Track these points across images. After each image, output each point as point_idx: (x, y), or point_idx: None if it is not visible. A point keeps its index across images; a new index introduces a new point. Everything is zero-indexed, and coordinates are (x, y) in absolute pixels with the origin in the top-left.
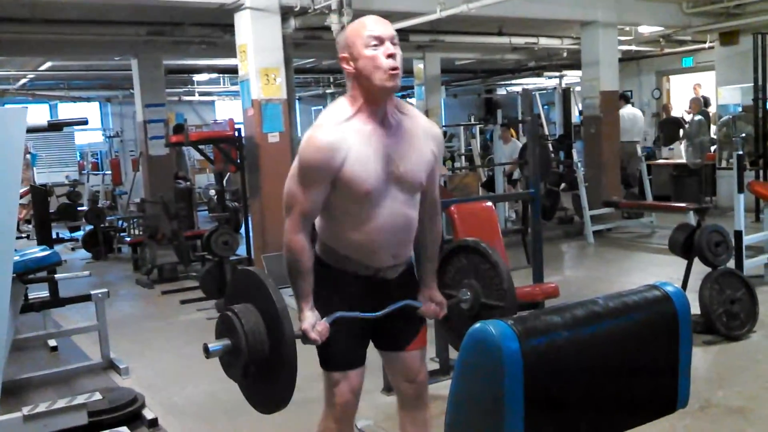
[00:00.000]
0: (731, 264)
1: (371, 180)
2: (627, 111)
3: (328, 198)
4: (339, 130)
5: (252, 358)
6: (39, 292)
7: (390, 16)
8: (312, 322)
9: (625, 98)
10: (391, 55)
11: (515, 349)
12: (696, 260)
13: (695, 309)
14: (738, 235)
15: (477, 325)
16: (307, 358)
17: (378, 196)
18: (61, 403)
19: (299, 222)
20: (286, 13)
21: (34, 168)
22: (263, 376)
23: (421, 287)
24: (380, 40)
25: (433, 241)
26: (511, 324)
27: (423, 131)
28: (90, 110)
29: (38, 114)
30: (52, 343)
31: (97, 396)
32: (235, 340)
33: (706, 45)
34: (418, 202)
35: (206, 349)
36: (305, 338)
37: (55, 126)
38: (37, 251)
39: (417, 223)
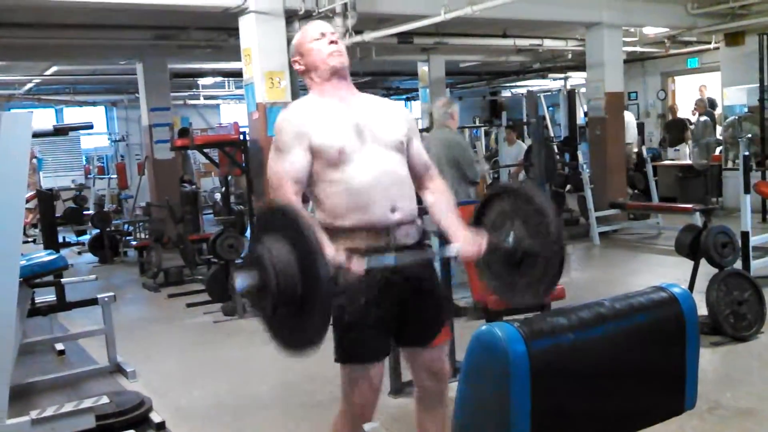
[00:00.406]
0: (738, 265)
1: (342, 139)
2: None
3: (313, 176)
4: (304, 106)
5: (282, 296)
6: (46, 296)
7: (394, 18)
8: (344, 256)
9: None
10: (332, 42)
11: (522, 351)
12: (703, 261)
13: (702, 310)
14: (745, 235)
15: (483, 327)
16: (319, 358)
17: (354, 155)
18: (68, 407)
19: (290, 191)
20: (290, 16)
21: (41, 172)
22: (293, 315)
23: (451, 238)
24: (322, 35)
25: (442, 193)
26: (517, 326)
27: (388, 106)
28: (95, 114)
29: (44, 118)
30: (59, 346)
31: (105, 399)
32: (264, 276)
33: (712, 46)
34: (405, 163)
35: (233, 287)
36: (340, 274)
37: (60, 130)
38: (43, 255)
39: (409, 180)
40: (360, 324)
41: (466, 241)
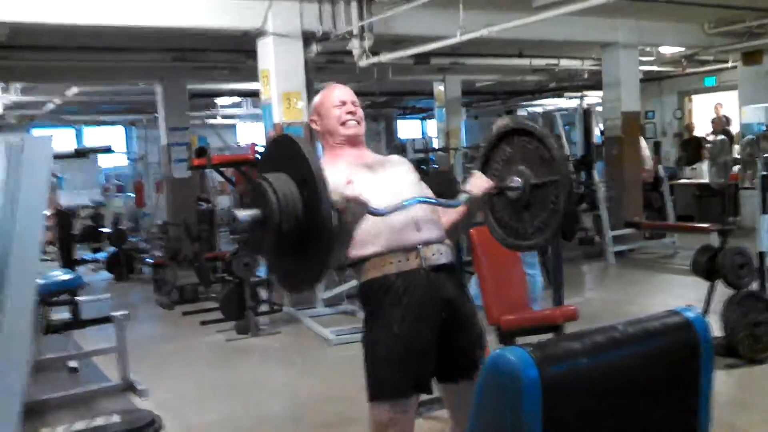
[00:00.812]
0: (755, 286)
1: (357, 174)
2: None
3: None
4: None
5: (284, 226)
6: (61, 314)
7: (411, 39)
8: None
9: None
10: (350, 112)
11: (534, 376)
12: (719, 282)
13: (718, 332)
14: (762, 256)
15: (496, 351)
16: (331, 380)
17: (366, 183)
18: (80, 425)
19: None
20: (308, 38)
21: (60, 191)
22: (295, 249)
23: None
24: (343, 102)
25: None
26: (530, 351)
27: (395, 158)
28: (115, 134)
29: (64, 138)
30: (72, 364)
31: (116, 418)
32: (266, 209)
33: (729, 65)
34: (420, 183)
35: (234, 218)
36: (339, 200)
37: (81, 153)
38: (60, 274)
39: (429, 208)
40: (396, 356)
41: (476, 178)
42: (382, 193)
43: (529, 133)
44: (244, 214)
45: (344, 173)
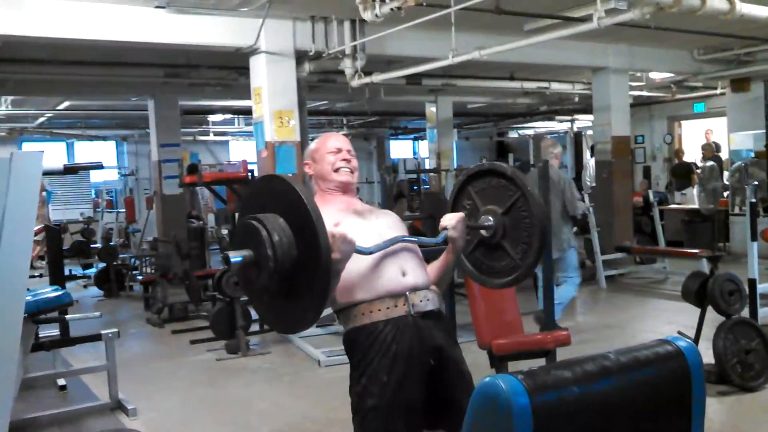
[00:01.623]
0: (745, 313)
1: (338, 217)
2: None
3: None
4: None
5: (279, 265)
6: (50, 331)
7: (403, 60)
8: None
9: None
10: (345, 159)
11: (525, 404)
12: (710, 308)
13: (709, 358)
14: (752, 283)
15: (486, 379)
16: (319, 401)
17: (354, 227)
18: None
19: None
20: (300, 57)
21: (50, 205)
22: (289, 289)
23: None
24: (338, 150)
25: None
26: (521, 379)
27: (383, 210)
28: (106, 148)
29: (55, 152)
30: (61, 382)
31: None
32: (259, 250)
33: (718, 91)
34: (406, 232)
35: (227, 259)
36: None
37: (70, 170)
38: (49, 291)
39: (417, 252)
40: (386, 407)
41: (449, 217)
42: (370, 237)
43: (483, 173)
44: (236, 255)
45: (333, 217)
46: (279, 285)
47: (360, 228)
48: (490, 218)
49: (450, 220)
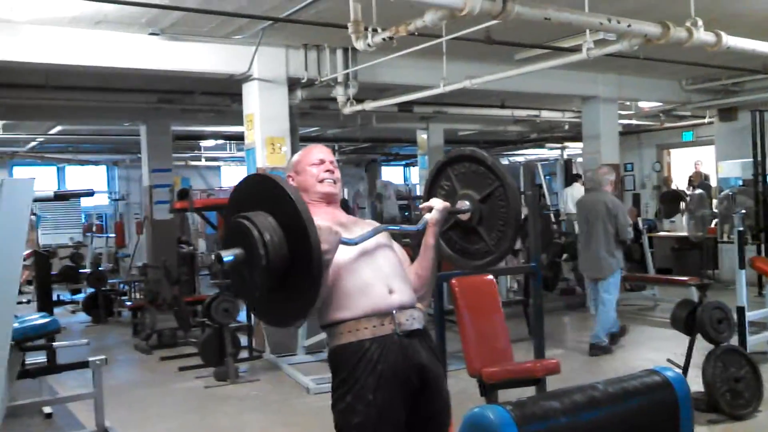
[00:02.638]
0: (734, 341)
1: (335, 240)
2: (577, 189)
3: None
4: None
5: (271, 261)
6: (36, 358)
7: (394, 89)
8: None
9: (577, 177)
10: (329, 170)
11: None
12: (699, 336)
13: (698, 386)
14: (740, 311)
15: (475, 409)
16: (309, 428)
17: (351, 255)
18: None
19: None
20: (293, 84)
21: (39, 230)
22: (281, 285)
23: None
24: (322, 162)
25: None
26: (509, 410)
27: (367, 221)
28: (97, 173)
29: (46, 176)
30: (47, 410)
31: None
32: (251, 247)
33: (706, 120)
34: (395, 253)
35: (219, 259)
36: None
37: (61, 197)
38: (36, 318)
39: (402, 268)
40: (371, 425)
41: (436, 200)
42: (354, 247)
43: (464, 158)
44: (228, 254)
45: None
46: (271, 281)
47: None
48: (467, 203)
49: (437, 202)
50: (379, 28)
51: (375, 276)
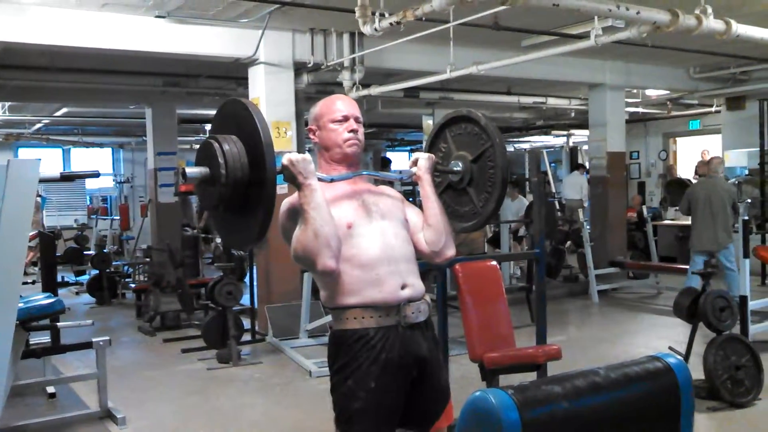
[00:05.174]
0: (736, 329)
1: (351, 214)
2: (574, 177)
3: None
4: None
5: (229, 185)
6: (41, 338)
7: (401, 74)
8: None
9: (580, 166)
10: (352, 130)
11: (515, 419)
12: (701, 324)
13: (699, 374)
14: (743, 300)
15: (476, 393)
16: (310, 411)
17: (363, 229)
18: None
19: (327, 256)
20: (299, 68)
21: (44, 211)
22: (240, 208)
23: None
24: (345, 118)
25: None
26: (510, 393)
27: (386, 189)
28: (102, 156)
29: (51, 159)
30: (50, 389)
31: None
32: (214, 168)
33: (713, 109)
34: (410, 241)
35: (183, 174)
36: (286, 168)
37: (67, 178)
38: (41, 298)
39: (414, 258)
40: (372, 411)
41: (422, 154)
42: (374, 237)
43: (461, 119)
44: (193, 171)
45: (345, 215)
46: (231, 197)
47: (366, 230)
48: (459, 164)
49: (422, 155)
50: (386, 13)
51: (389, 270)
